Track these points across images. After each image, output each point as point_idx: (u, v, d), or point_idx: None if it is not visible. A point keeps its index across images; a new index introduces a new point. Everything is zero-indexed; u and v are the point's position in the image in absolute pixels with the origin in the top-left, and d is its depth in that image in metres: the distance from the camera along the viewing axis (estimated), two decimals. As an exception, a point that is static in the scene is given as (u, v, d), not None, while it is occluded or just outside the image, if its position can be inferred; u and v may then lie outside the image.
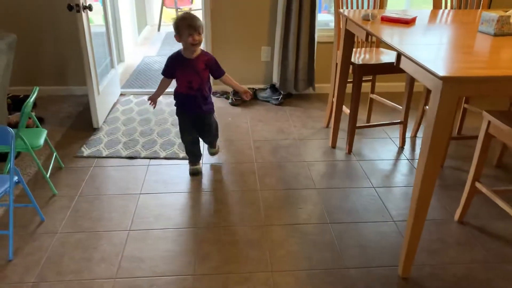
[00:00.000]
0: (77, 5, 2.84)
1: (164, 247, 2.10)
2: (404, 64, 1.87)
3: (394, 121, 3.06)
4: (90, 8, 2.96)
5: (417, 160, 2.90)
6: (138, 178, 2.65)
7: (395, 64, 1.95)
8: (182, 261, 2.01)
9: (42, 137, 2.47)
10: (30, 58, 3.74)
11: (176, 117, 2.66)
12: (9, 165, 2.43)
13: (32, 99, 2.36)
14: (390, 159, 2.93)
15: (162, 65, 2.54)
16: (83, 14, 2.89)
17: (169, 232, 2.21)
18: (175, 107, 2.62)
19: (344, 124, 3.10)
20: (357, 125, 2.94)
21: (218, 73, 2.55)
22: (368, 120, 3.41)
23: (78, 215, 2.31)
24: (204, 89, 2.53)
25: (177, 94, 2.57)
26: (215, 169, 2.80)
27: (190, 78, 2.47)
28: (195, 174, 2.71)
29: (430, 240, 2.15)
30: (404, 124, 3.01)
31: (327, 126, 3.35)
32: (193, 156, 2.74)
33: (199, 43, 2.39)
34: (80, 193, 2.50)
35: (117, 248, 2.09)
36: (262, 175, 2.71)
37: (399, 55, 1.90)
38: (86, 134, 3.18)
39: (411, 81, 2.87)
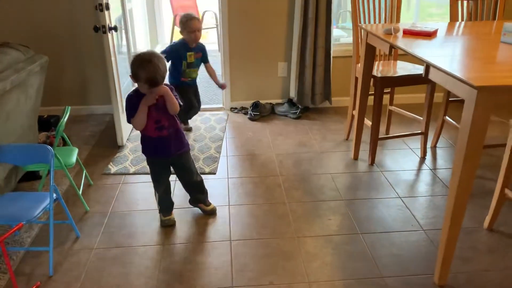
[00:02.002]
0: (103, 27, 2.92)
1: (200, 260, 2.13)
2: (434, 76, 1.92)
3: (415, 132, 3.10)
4: (115, 29, 3.04)
5: (439, 170, 2.94)
6: (166, 194, 2.69)
7: (423, 76, 2.00)
8: (219, 274, 2.04)
9: (74, 155, 2.53)
10: (53, 79, 3.82)
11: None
12: (43, 183, 2.49)
13: (65, 118, 2.42)
14: (412, 169, 2.96)
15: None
16: (109, 35, 2.97)
17: (203, 245, 2.24)
18: (143, 154, 2.31)
19: (364, 136, 3.14)
20: (378, 137, 2.98)
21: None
22: (387, 132, 3.46)
23: (112, 231, 2.35)
24: (177, 124, 2.22)
25: (144, 139, 2.24)
26: (242, 183, 2.84)
27: (157, 117, 2.13)
28: (170, 225, 2.38)
29: (462, 248, 2.17)
30: (425, 134, 3.05)
31: (347, 139, 3.39)
32: (168, 206, 2.42)
33: None
34: (112, 209, 2.55)
35: (153, 262, 2.12)
36: (288, 188, 2.75)
37: (428, 67, 1.96)
38: (111, 152, 3.24)
39: (432, 92, 2.92)
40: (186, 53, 3.20)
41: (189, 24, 3.13)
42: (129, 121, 2.16)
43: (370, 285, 1.95)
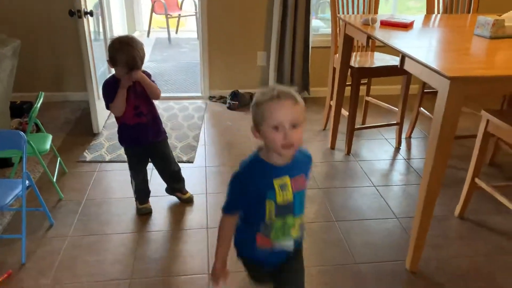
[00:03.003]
0: (79, 11, 2.85)
1: (176, 247, 2.13)
2: (409, 66, 1.95)
3: (391, 123, 3.15)
4: (91, 14, 2.98)
5: (413, 160, 3.00)
6: (143, 182, 2.67)
7: (399, 66, 2.03)
8: (196, 261, 2.04)
9: (48, 142, 2.48)
10: (26, 64, 3.71)
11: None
12: (15, 171, 2.44)
13: (39, 104, 2.37)
14: (387, 159, 3.02)
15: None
16: (84, 20, 2.90)
17: (180, 233, 2.24)
18: (120, 142, 2.24)
19: (341, 126, 3.17)
20: (355, 127, 3.02)
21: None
22: (364, 122, 3.50)
23: (87, 219, 2.32)
24: (155, 111, 2.21)
25: (122, 127, 2.18)
26: (220, 172, 2.84)
27: (135, 103, 2.10)
28: (146, 214, 2.37)
29: (433, 235, 2.22)
30: (400, 125, 3.11)
31: (325, 129, 3.43)
32: (145, 194, 2.40)
33: None
34: (87, 197, 2.51)
35: (129, 249, 2.11)
36: (265, 177, 2.76)
37: (403, 58, 1.99)
38: (87, 139, 3.19)
39: (407, 83, 2.96)
40: (272, 179, 1.27)
41: (270, 109, 1.20)
42: (107, 107, 2.12)
43: (344, 272, 1.99)
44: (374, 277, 1.96)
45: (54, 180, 2.51)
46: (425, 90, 3.12)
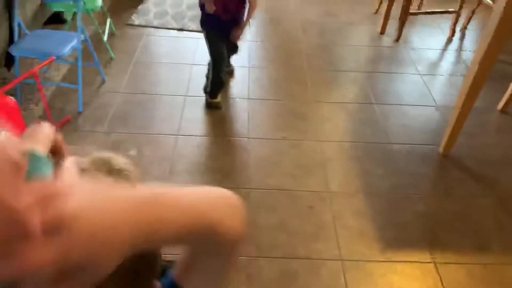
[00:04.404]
0: None
1: (220, 113, 2.25)
2: None
3: (448, 10, 2.97)
4: None
5: (464, 51, 2.89)
6: (189, 50, 2.72)
7: None
8: (236, 125, 2.18)
9: None
10: None
11: None
12: (69, 27, 2.52)
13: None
14: (438, 48, 2.91)
15: None
16: None
17: (223, 101, 2.33)
18: (203, 26, 2.12)
19: (394, 11, 3.02)
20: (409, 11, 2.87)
21: None
22: (420, 7, 3.31)
23: (137, 79, 2.44)
24: (241, 12, 2.06)
25: (208, 14, 2.04)
26: (263, 47, 2.84)
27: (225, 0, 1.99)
28: (219, 108, 2.28)
29: (471, 125, 2.21)
30: (457, 13, 2.93)
31: (376, 12, 3.27)
32: (221, 87, 2.25)
33: None
34: (136, 59, 2.61)
35: (176, 110, 2.24)
36: (309, 56, 2.75)
37: None
38: (134, 3, 3.19)
39: (475, -34, 2.73)
40: None
41: None
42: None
43: (376, 149, 2.08)
44: (405, 157, 2.04)
45: (105, 39, 2.59)
46: (493, -24, 2.87)
